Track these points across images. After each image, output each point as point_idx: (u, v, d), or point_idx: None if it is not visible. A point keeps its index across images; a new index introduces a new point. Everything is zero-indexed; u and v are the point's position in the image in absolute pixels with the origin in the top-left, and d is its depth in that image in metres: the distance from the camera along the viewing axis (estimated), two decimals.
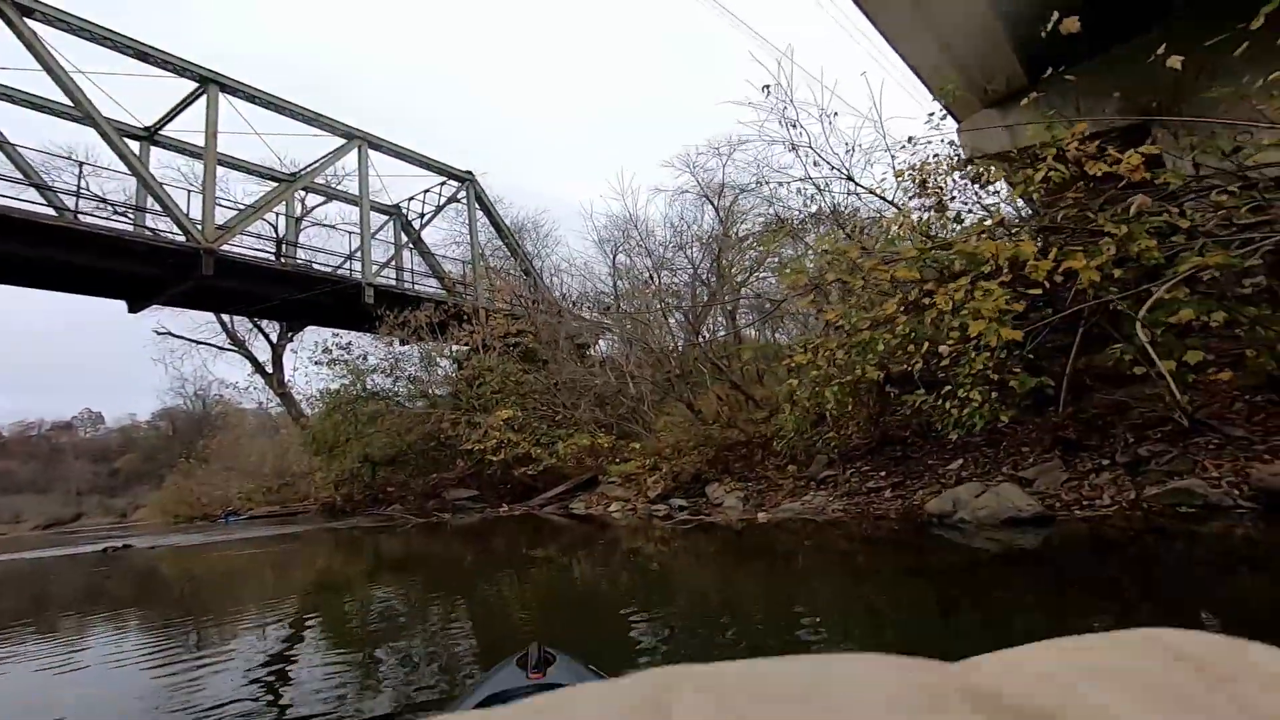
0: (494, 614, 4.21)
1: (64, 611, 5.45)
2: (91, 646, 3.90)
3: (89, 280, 11.97)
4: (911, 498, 6.05)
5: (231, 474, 27.48)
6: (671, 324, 14.66)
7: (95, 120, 11.26)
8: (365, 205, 16.71)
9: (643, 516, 9.07)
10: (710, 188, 17.24)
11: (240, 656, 3.34)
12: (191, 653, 3.51)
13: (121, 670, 3.21)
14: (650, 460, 10.32)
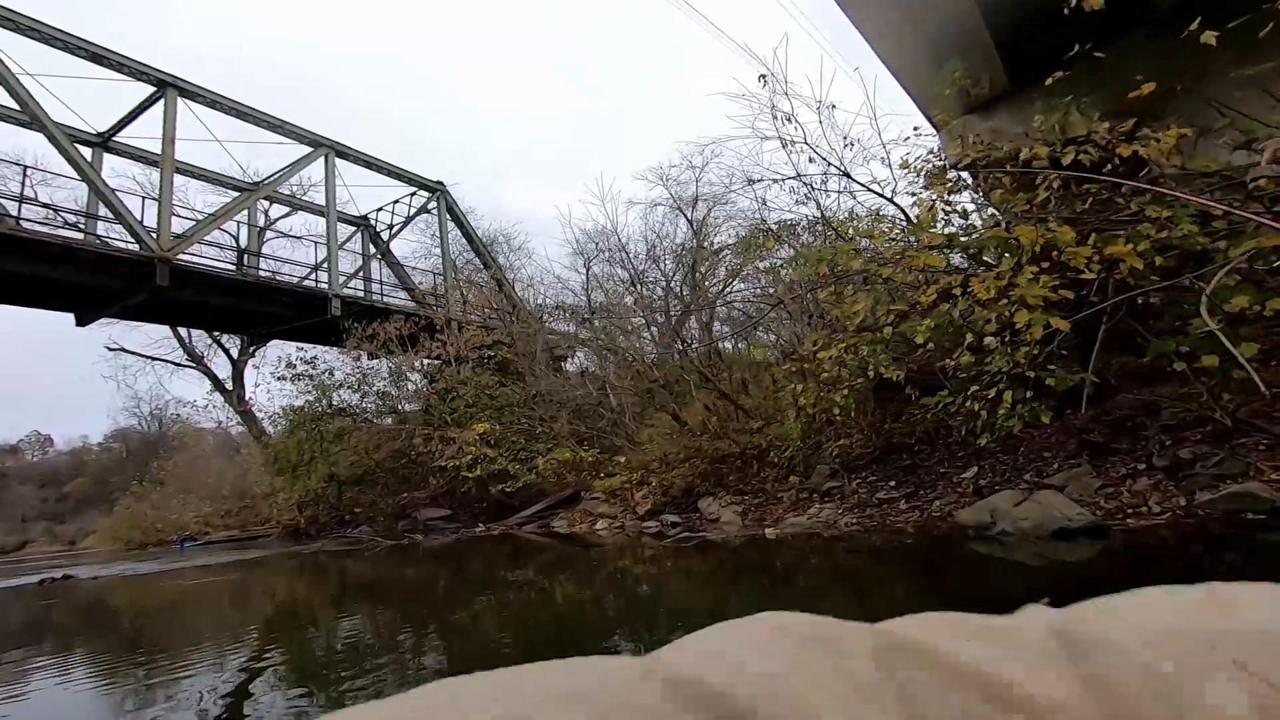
0: (470, 644, 3.78)
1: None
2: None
3: (32, 291, 11.09)
4: (929, 508, 5.66)
5: (189, 497, 26.19)
6: (651, 333, 14.32)
7: (43, 124, 10.48)
8: (332, 214, 16.04)
9: (632, 534, 8.55)
10: (683, 200, 17.07)
11: (179, 699, 2.96)
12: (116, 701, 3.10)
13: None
14: (637, 474, 9.82)
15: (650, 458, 10.31)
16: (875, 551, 5.00)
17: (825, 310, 6.45)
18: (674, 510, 8.65)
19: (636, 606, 4.42)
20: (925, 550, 4.83)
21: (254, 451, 23.32)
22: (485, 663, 2.42)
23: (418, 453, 14.86)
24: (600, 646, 3.28)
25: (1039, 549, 3.98)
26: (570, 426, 12.70)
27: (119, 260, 10.75)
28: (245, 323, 15.95)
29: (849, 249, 5.21)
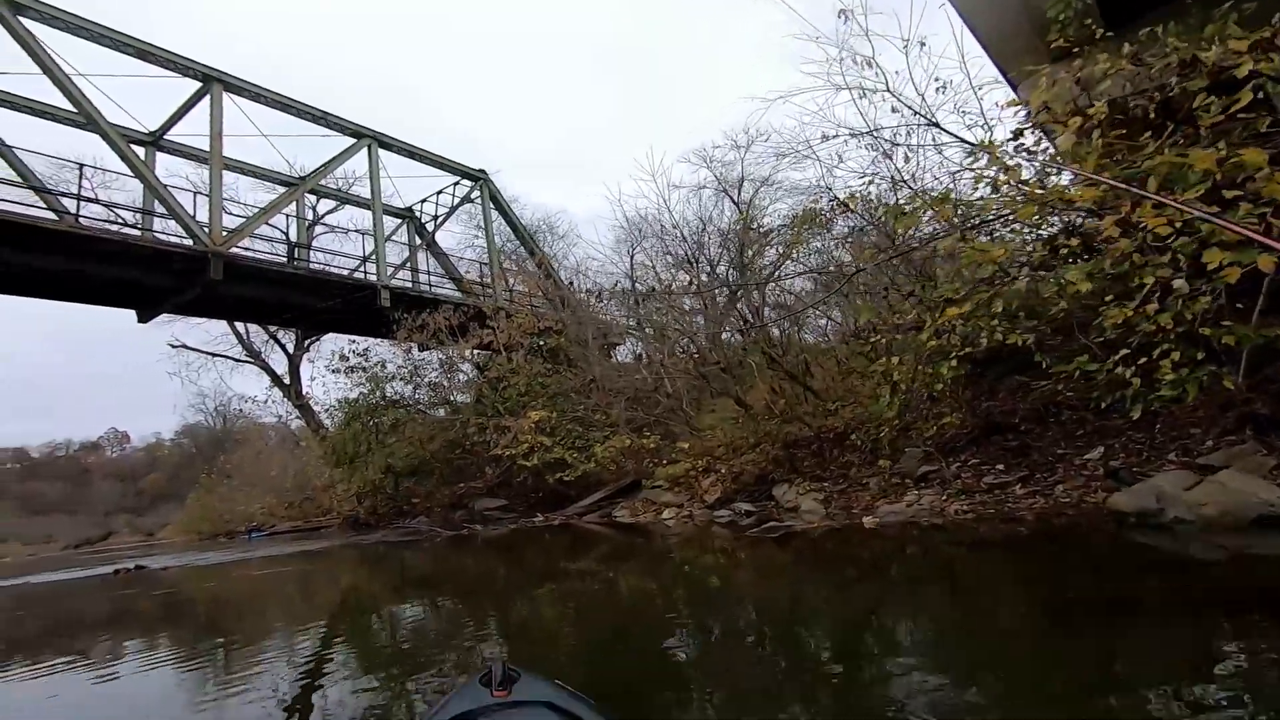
0: (534, 638, 3.63)
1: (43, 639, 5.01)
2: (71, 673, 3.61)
3: (94, 288, 11.24)
4: (1052, 493, 4.98)
5: (253, 490, 27.00)
6: (699, 320, 13.73)
7: (99, 125, 10.52)
8: (377, 205, 15.90)
9: (701, 524, 8.07)
10: (729, 182, 16.33)
11: (244, 684, 2.97)
12: (189, 683, 3.19)
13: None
14: (702, 461, 9.30)
15: (714, 444, 9.79)
16: (993, 543, 4.37)
17: (928, 268, 5.75)
18: (746, 498, 8.11)
19: (718, 604, 3.92)
20: (1061, 541, 4.17)
21: (312, 444, 23.77)
22: (551, 656, 2.81)
23: (472, 443, 14.70)
24: (664, 647, 2.90)
25: (1226, 539, 3.30)
26: (625, 413, 12.27)
27: (174, 255, 10.79)
28: (298, 316, 16.04)
29: (973, 192, 4.50)
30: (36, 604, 8.41)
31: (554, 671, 1.72)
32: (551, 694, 1.35)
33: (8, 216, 9.36)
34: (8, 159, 10.39)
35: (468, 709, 1.29)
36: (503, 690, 1.35)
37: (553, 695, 1.34)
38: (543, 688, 1.39)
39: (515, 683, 1.39)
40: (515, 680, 1.40)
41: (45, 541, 49.52)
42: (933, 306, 5.53)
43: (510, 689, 1.36)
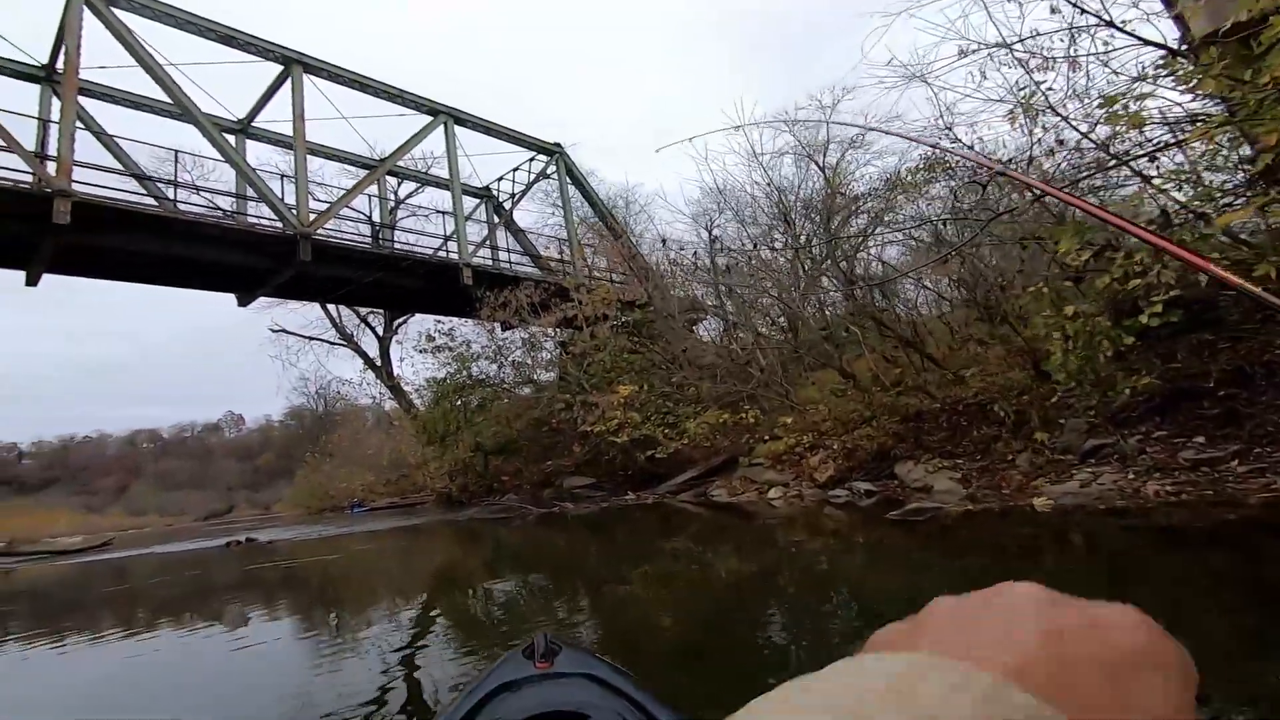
0: (626, 622, 3.50)
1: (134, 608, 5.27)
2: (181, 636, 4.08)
3: (196, 273, 11.63)
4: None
5: (354, 467, 28.24)
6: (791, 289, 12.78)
7: (194, 116, 10.75)
8: (455, 183, 15.77)
9: (812, 504, 7.34)
10: (813, 146, 15.10)
11: (350, 649, 3.28)
12: (304, 646, 3.54)
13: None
14: (807, 437, 8.53)
15: (819, 418, 8.97)
16: (1215, 533, 3.43)
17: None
18: (864, 477, 7.30)
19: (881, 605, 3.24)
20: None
21: (405, 424, 24.52)
22: (652, 636, 2.98)
23: (559, 420, 14.49)
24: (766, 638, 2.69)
25: None
26: (717, 388, 11.60)
27: (266, 238, 10.98)
28: (385, 296, 16.25)
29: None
30: (173, 570, 8.82)
31: (642, 659, 1.77)
32: (593, 666, 1.35)
33: (115, 204, 9.66)
34: (112, 149, 10.78)
35: (510, 679, 1.30)
36: (545, 662, 1.36)
37: (594, 667, 1.34)
38: (584, 660, 1.39)
39: (557, 655, 1.40)
40: (557, 653, 1.41)
41: (179, 514, 54.58)
42: (1112, 248, 4.53)
43: (552, 661, 1.37)
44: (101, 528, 35.93)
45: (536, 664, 1.36)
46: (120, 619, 4.95)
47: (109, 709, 2.65)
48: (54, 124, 9.15)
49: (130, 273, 11.08)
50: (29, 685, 3.18)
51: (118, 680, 3.13)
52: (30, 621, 5.19)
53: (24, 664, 3.62)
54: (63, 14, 9.28)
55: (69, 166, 8.62)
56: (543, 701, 1.19)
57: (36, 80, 10.47)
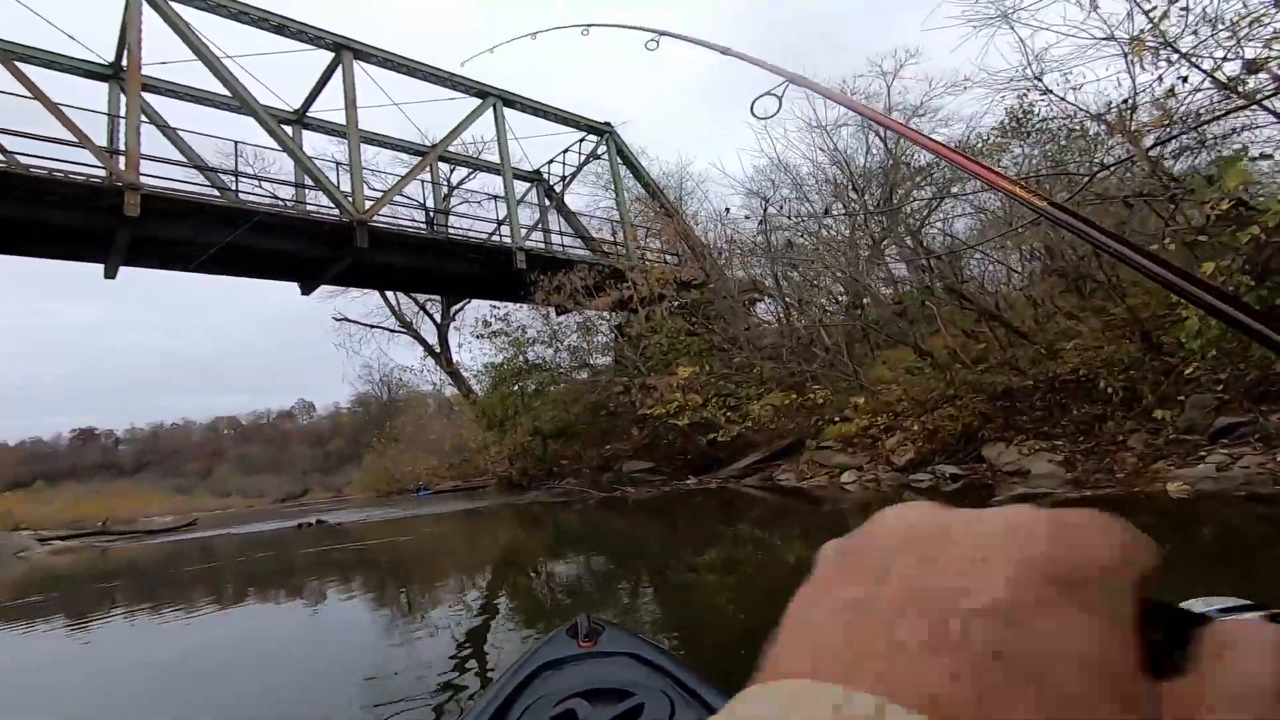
0: (695, 602, 3.48)
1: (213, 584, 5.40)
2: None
3: (260, 263, 11.90)
4: None
5: (418, 452, 29.01)
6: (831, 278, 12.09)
7: (252, 108, 10.92)
8: (506, 166, 15.63)
9: (891, 489, 6.87)
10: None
11: (419, 623, 3.43)
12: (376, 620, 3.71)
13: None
14: (882, 418, 8.00)
15: (893, 398, 8.42)
16: None
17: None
18: (947, 459, 6.76)
19: None
20: None
21: (465, 409, 24.94)
22: (713, 622, 2.99)
23: (616, 404, 14.31)
24: None
25: None
26: (781, 369, 11.11)
27: (324, 226, 11.10)
28: (440, 282, 16.36)
29: None
30: (251, 549, 9.13)
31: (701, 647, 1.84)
32: (635, 645, 1.35)
33: (181, 196, 9.90)
34: (175, 143, 11.07)
35: (555, 657, 1.31)
36: (589, 641, 1.37)
37: (637, 647, 1.34)
38: (627, 640, 1.39)
39: (600, 635, 1.40)
40: (600, 632, 1.41)
41: (259, 496, 57.80)
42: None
43: (596, 640, 1.37)
44: (189, 508, 38.39)
45: (580, 643, 1.37)
46: (209, 594, 5.26)
47: (204, 675, 2.85)
48: (121, 119, 9.40)
49: (198, 264, 11.41)
50: (136, 652, 3.45)
51: (211, 649, 3.35)
52: (130, 596, 5.57)
53: (131, 633, 3.95)
54: (124, 10, 9.49)
55: (136, 160, 8.85)
56: (587, 679, 1.19)
57: (104, 79, 10.81)
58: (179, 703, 2.52)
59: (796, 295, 12.44)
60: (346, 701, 2.27)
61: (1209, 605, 0.43)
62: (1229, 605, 0.41)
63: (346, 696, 2.32)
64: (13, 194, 8.15)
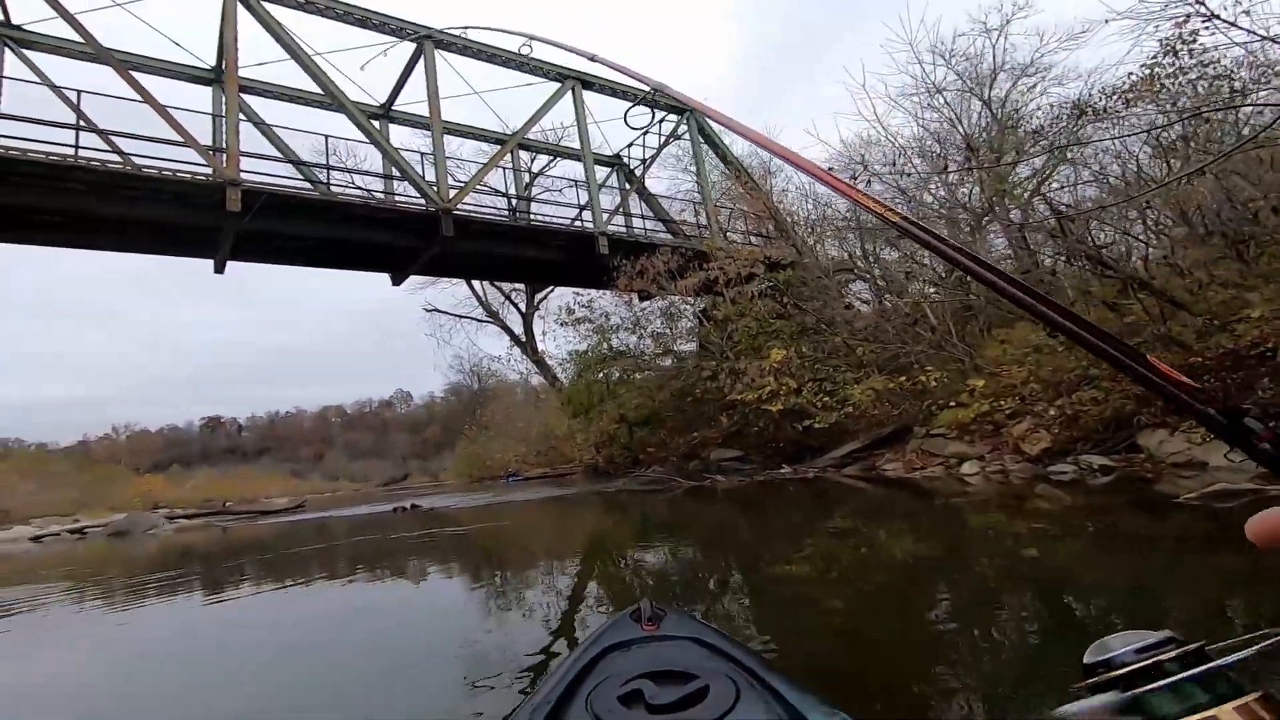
0: (786, 598, 3.20)
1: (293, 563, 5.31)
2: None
3: (352, 255, 12.23)
4: None
5: (507, 440, 29.74)
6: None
7: (343, 104, 11.18)
8: (586, 149, 15.37)
9: (1022, 481, 6.04)
10: (977, 79, 12.80)
11: (498, 606, 3.55)
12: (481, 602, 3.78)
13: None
14: (1008, 402, 7.10)
15: (1017, 379, 7.48)
16: None
17: None
18: (1093, 448, 5.86)
19: None
20: None
21: (551, 397, 25.24)
22: (805, 620, 2.78)
23: (703, 390, 13.86)
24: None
25: None
26: (884, 350, 10.27)
27: (411, 216, 11.23)
28: (523, 269, 16.40)
29: None
30: (359, 530, 9.42)
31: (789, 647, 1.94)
32: (698, 630, 1.36)
33: (278, 190, 10.26)
34: (271, 139, 11.47)
35: (619, 640, 1.33)
36: (651, 625, 1.39)
37: (700, 631, 1.35)
38: (690, 624, 1.41)
39: (663, 619, 1.41)
40: (663, 617, 1.42)
41: (364, 480, 61.66)
42: None
43: (659, 624, 1.39)
44: (303, 491, 41.40)
45: (643, 626, 1.38)
46: (318, 570, 5.57)
47: (316, 645, 3.09)
48: (222, 119, 9.81)
49: (295, 257, 11.87)
50: (260, 625, 3.72)
51: (319, 622, 3.62)
52: (250, 571, 6.01)
53: (254, 603, 4.29)
54: (221, 11, 9.88)
55: (236, 157, 9.19)
56: (651, 661, 1.20)
57: (208, 83, 11.37)
58: (308, 657, 2.87)
59: (900, 270, 11.47)
60: (440, 668, 2.47)
61: (1126, 643, 0.48)
62: (1147, 643, 0.47)
63: (440, 663, 2.52)
64: (130, 193, 8.66)
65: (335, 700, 2.24)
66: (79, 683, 2.85)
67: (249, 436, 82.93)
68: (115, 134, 8.91)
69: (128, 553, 9.09)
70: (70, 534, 12.37)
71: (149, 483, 33.88)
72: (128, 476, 34.41)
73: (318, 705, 2.25)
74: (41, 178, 8.09)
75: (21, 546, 11.30)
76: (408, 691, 2.19)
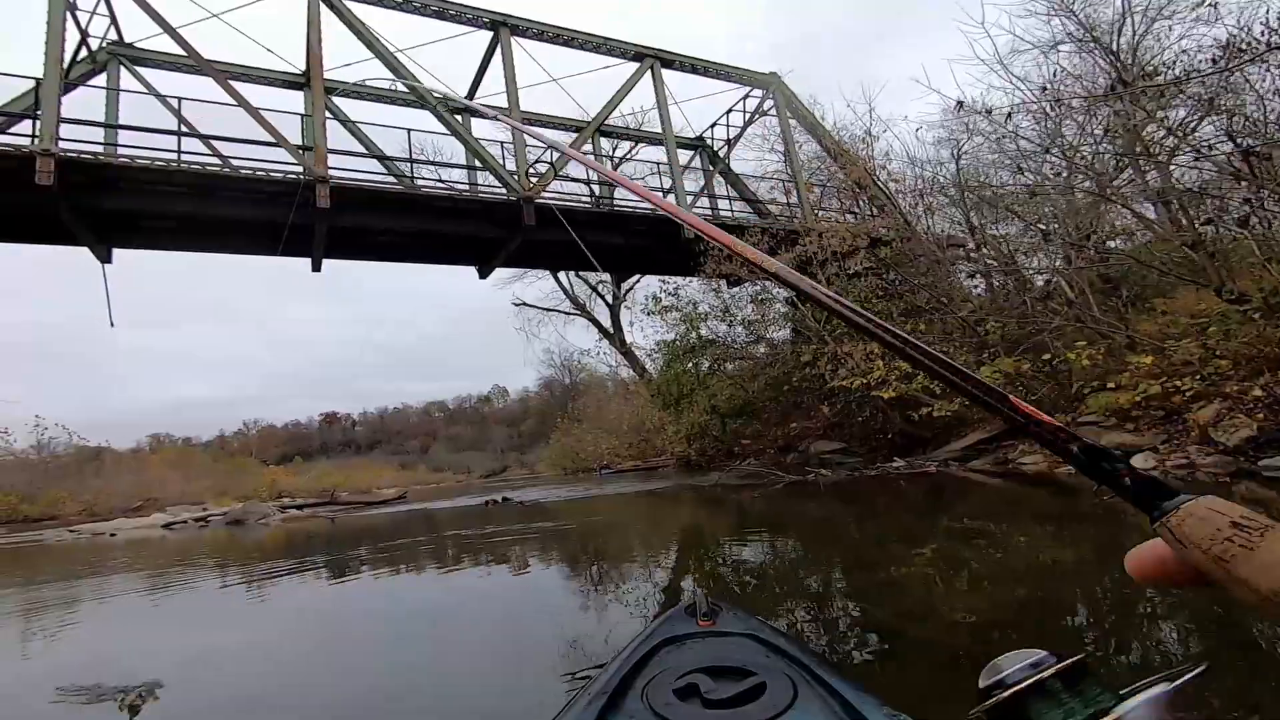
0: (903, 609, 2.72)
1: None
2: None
3: (440, 248, 12.30)
4: None
5: (599, 432, 29.78)
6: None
7: (426, 100, 11.20)
8: (668, 130, 14.74)
9: (1215, 476, 4.89)
10: (1098, 28, 10.99)
11: (585, 596, 3.62)
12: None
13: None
14: (1189, 382, 5.86)
15: (1191, 355, 6.19)
16: None
17: None
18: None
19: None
20: None
21: (640, 389, 24.92)
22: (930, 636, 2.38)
23: (800, 378, 12.96)
24: None
25: None
26: (1011, 330, 9.01)
27: (494, 206, 11.11)
28: (608, 258, 15.95)
29: None
30: (457, 522, 9.35)
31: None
32: (755, 627, 1.35)
33: (364, 185, 10.37)
34: (356, 134, 11.65)
35: (674, 634, 1.32)
36: (708, 620, 1.38)
37: (756, 628, 1.33)
38: (745, 620, 1.39)
39: (719, 614, 1.41)
40: (719, 612, 1.42)
41: (466, 472, 64.37)
42: None
43: (715, 620, 1.38)
44: (410, 481, 43.62)
45: (699, 621, 1.36)
46: (420, 559, 5.74)
47: (425, 625, 3.28)
48: (309, 119, 9.98)
49: (386, 252, 12.04)
50: (372, 602, 4.01)
51: (426, 603, 3.82)
52: (365, 560, 6.12)
53: (366, 590, 4.50)
54: (307, 12, 10.06)
55: (324, 154, 9.33)
56: (707, 656, 1.19)
57: (300, 87, 11.70)
58: (422, 637, 3.03)
59: (1022, 242, 10.06)
60: (527, 650, 2.54)
61: (1014, 663, 0.51)
62: (1032, 660, 0.50)
63: (530, 645, 2.59)
64: (229, 194, 8.97)
65: (439, 688, 2.29)
66: (245, 651, 3.09)
67: (362, 430, 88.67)
68: (213, 138, 9.24)
69: (246, 540, 9.44)
70: (195, 521, 13.21)
71: (274, 473, 36.64)
72: (257, 468, 37.38)
73: (422, 688, 2.29)
74: (150, 183, 8.50)
75: (157, 533, 12.13)
76: (499, 673, 2.32)
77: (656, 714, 1.00)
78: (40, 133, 7.96)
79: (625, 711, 1.03)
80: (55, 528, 15.21)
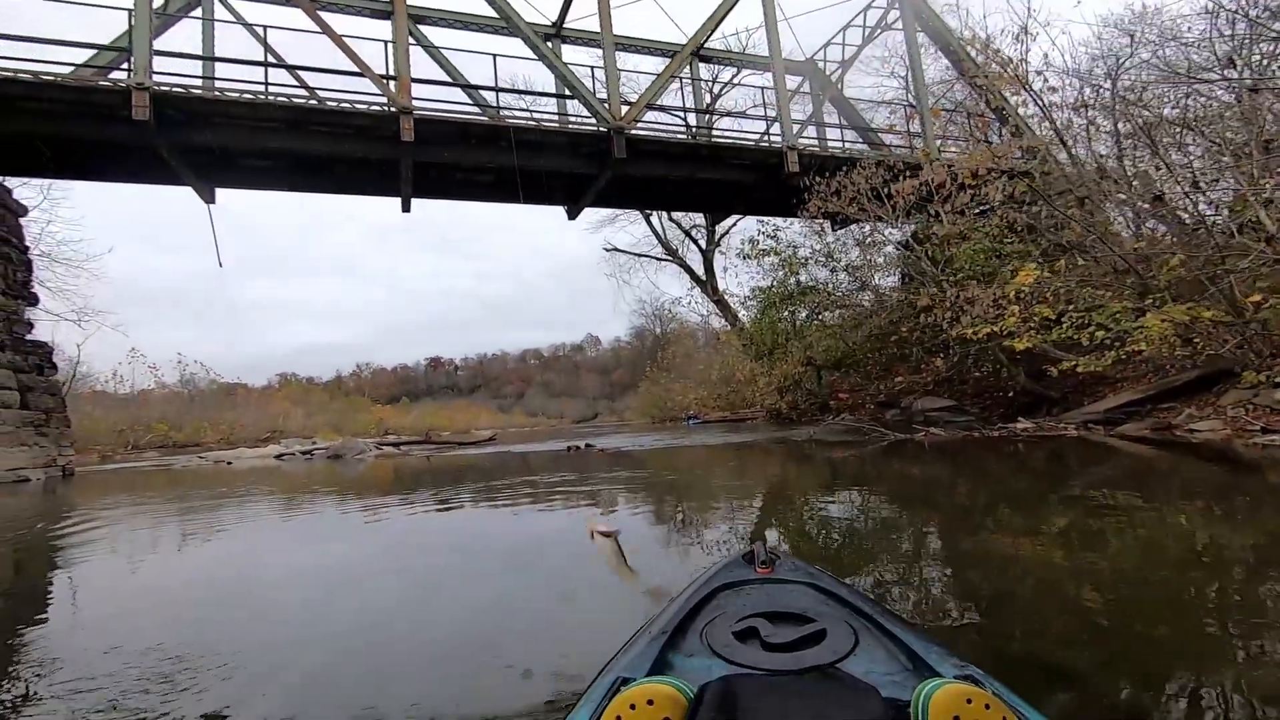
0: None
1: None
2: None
3: (526, 185, 11.79)
4: None
5: (687, 382, 29.45)
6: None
7: (518, 27, 10.64)
8: (776, 53, 13.35)
9: None
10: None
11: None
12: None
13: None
14: None
15: None
16: None
17: None
18: None
19: None
20: None
21: (731, 339, 24.10)
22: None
23: (910, 328, 11.74)
24: None
25: None
26: (1176, 272, 7.48)
27: (583, 137, 10.52)
28: (702, 195, 14.95)
29: None
30: (544, 467, 9.13)
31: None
32: (814, 576, 1.32)
33: (447, 116, 10.07)
34: (439, 61, 11.22)
35: (733, 580, 1.32)
36: (766, 568, 1.36)
37: (815, 577, 1.31)
38: (804, 570, 1.36)
39: (777, 563, 1.39)
40: (777, 560, 1.40)
41: (559, 417, 66.57)
42: None
43: (773, 568, 1.36)
44: (506, 424, 45.30)
45: (757, 569, 1.36)
46: (502, 496, 5.74)
47: (506, 551, 3.48)
48: (392, 44, 9.64)
49: (473, 190, 11.76)
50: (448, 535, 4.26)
51: (507, 535, 4.06)
52: (456, 493, 6.31)
53: (458, 519, 4.78)
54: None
55: (408, 84, 9.03)
56: (766, 602, 1.18)
57: (386, 15, 11.36)
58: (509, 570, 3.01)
59: (1210, 165, 8.27)
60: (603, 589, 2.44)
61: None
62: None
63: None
64: (318, 127, 8.90)
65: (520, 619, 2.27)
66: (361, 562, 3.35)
67: (463, 375, 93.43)
68: (300, 68, 9.14)
69: (346, 473, 9.76)
70: (302, 454, 14.02)
71: (383, 412, 39.19)
72: (369, 406, 40.08)
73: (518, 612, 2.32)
74: (239, 117, 8.53)
75: (270, 463, 12.98)
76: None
77: (717, 654, 0.98)
78: (134, 65, 8.09)
79: (685, 651, 1.03)
80: (190, 454, 16.80)
